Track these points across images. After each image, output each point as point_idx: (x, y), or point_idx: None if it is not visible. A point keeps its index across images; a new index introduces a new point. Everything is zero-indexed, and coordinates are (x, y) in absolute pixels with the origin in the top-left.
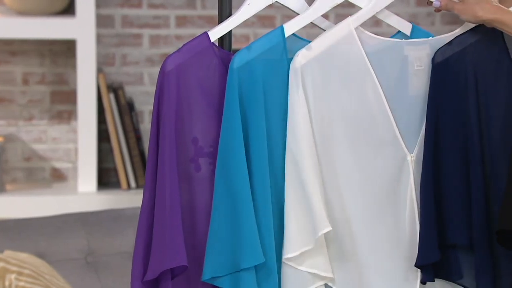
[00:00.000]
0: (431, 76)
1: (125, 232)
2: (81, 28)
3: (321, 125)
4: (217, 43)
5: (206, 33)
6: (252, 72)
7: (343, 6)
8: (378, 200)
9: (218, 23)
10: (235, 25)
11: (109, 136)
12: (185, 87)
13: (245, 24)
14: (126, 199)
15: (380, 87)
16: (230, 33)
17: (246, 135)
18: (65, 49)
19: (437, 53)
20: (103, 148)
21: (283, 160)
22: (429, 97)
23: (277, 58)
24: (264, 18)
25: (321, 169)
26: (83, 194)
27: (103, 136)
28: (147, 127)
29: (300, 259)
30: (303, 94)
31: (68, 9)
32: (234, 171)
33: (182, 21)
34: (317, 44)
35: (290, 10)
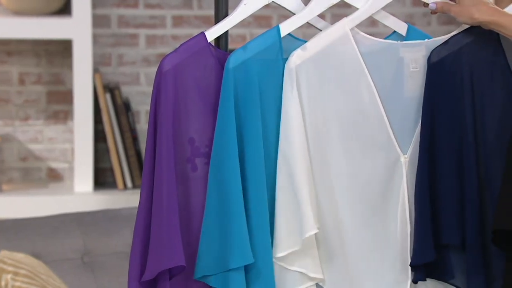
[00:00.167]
0: (426, 76)
1: (121, 232)
2: (77, 28)
3: (315, 125)
4: (213, 43)
5: (203, 33)
6: (247, 72)
7: (339, 6)
8: (370, 200)
9: (215, 23)
10: (232, 25)
11: (105, 136)
12: (182, 87)
13: (241, 24)
14: (122, 199)
15: (375, 88)
16: (226, 33)
17: (242, 135)
18: (62, 49)
19: (432, 52)
20: (99, 148)
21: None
22: (425, 97)
23: (272, 58)
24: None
25: (314, 169)
26: (80, 194)
27: (99, 136)
28: (143, 127)
29: (289, 259)
30: (297, 95)
31: (64, 9)
32: (226, 171)
33: (178, 21)
34: (312, 45)
35: (287, 10)
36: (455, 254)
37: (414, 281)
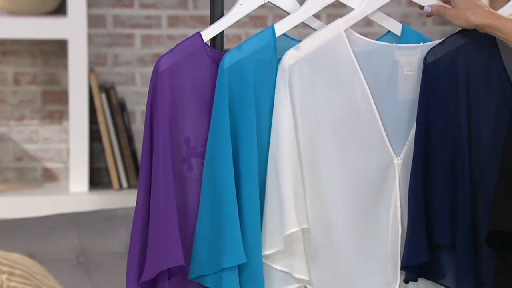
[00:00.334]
0: (422, 76)
1: (117, 232)
2: (72, 28)
3: (308, 125)
4: (209, 43)
5: (199, 33)
6: (242, 72)
7: (335, 6)
8: (362, 201)
9: (210, 23)
10: (228, 25)
11: (100, 136)
12: (178, 87)
13: (237, 24)
14: (117, 199)
15: (368, 89)
16: (222, 33)
17: (236, 135)
18: (57, 49)
19: (429, 53)
20: (94, 148)
21: None
22: (420, 98)
23: (267, 58)
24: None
25: (306, 169)
26: (75, 194)
27: (94, 136)
28: (139, 127)
29: (275, 257)
30: (289, 95)
31: (60, 9)
32: (220, 171)
33: (174, 21)
34: (306, 45)
35: (282, 10)
36: (446, 254)
37: (406, 281)
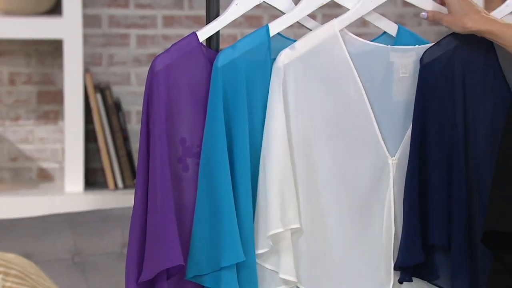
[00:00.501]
0: (418, 77)
1: (112, 232)
2: (67, 28)
3: (302, 125)
4: (204, 43)
5: (194, 33)
6: (236, 71)
7: (330, 6)
8: (356, 201)
9: (206, 23)
10: (223, 25)
11: (96, 136)
12: (174, 87)
13: (232, 24)
14: (113, 199)
15: (363, 90)
16: (217, 33)
17: (230, 134)
18: (52, 49)
19: (425, 53)
20: (90, 148)
21: None
22: (416, 98)
23: (261, 58)
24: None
25: (300, 169)
26: (70, 194)
27: (90, 136)
28: (134, 127)
29: (265, 257)
30: (282, 95)
31: (55, 9)
32: (216, 170)
33: (169, 21)
34: (301, 45)
35: (278, 10)
36: (440, 254)
37: (400, 281)
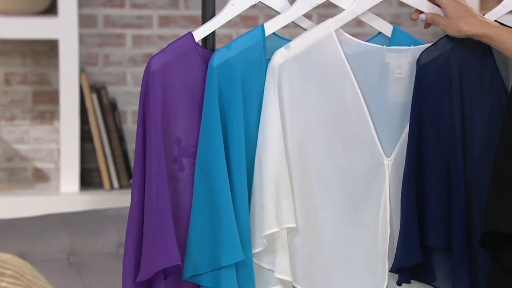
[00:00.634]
0: (415, 78)
1: (108, 233)
2: (63, 28)
3: (297, 125)
4: (200, 43)
5: (190, 33)
6: (231, 70)
7: (326, 6)
8: (351, 201)
9: (202, 23)
10: (219, 25)
11: (91, 136)
12: (170, 87)
13: (228, 24)
14: (108, 200)
15: (359, 90)
16: (213, 33)
17: (225, 134)
18: (48, 49)
19: (422, 54)
20: (85, 148)
21: None
22: (413, 99)
23: (256, 57)
24: (247, 18)
25: (294, 169)
26: (66, 194)
27: (85, 137)
28: (130, 127)
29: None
30: (278, 94)
31: (50, 9)
32: (214, 170)
33: (165, 21)
34: (296, 44)
35: (273, 10)
36: (437, 256)
37: (399, 283)
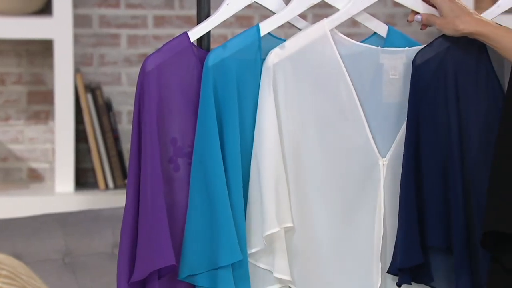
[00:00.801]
0: (411, 78)
1: (103, 233)
2: (58, 28)
3: (292, 125)
4: (195, 43)
5: (185, 33)
6: (226, 70)
7: (321, 6)
8: (345, 202)
9: (197, 23)
10: (215, 25)
11: (86, 136)
12: (165, 87)
13: (223, 24)
14: (104, 200)
15: (354, 90)
16: (208, 33)
17: (221, 133)
18: (42, 49)
19: (417, 54)
20: (80, 148)
21: None
22: (410, 100)
23: (251, 57)
24: (242, 18)
25: (289, 169)
26: (61, 194)
27: (80, 137)
28: (125, 127)
29: (257, 256)
30: (273, 93)
31: (45, 9)
32: (210, 169)
33: (160, 21)
34: (291, 44)
35: (269, 10)
36: (435, 256)
37: (399, 284)
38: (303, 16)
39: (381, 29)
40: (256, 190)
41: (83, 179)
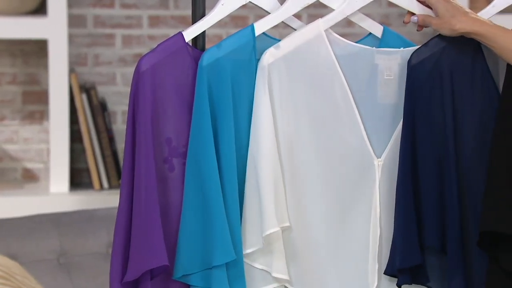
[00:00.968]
0: (407, 79)
1: (97, 233)
2: (53, 28)
3: (287, 124)
4: (190, 43)
5: (180, 33)
6: (221, 70)
7: (316, 6)
8: (341, 202)
9: (192, 23)
10: (210, 25)
11: (81, 136)
12: (159, 87)
13: (218, 24)
14: (98, 200)
15: (349, 90)
16: (203, 33)
17: (215, 133)
18: (37, 49)
19: (413, 55)
20: (75, 148)
21: None
22: (406, 100)
23: (246, 57)
24: (237, 18)
25: (285, 169)
26: (55, 194)
27: (75, 137)
28: (119, 127)
29: (254, 256)
30: (268, 93)
31: (40, 9)
32: (205, 169)
33: (155, 21)
34: (286, 44)
35: (263, 10)
36: (431, 257)
37: (399, 284)
38: (298, 16)
39: (376, 29)
40: (253, 189)
41: (78, 179)
